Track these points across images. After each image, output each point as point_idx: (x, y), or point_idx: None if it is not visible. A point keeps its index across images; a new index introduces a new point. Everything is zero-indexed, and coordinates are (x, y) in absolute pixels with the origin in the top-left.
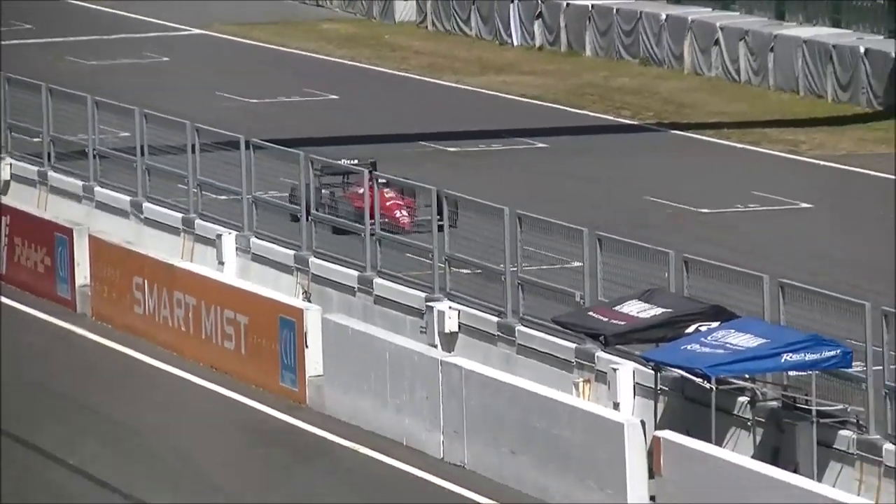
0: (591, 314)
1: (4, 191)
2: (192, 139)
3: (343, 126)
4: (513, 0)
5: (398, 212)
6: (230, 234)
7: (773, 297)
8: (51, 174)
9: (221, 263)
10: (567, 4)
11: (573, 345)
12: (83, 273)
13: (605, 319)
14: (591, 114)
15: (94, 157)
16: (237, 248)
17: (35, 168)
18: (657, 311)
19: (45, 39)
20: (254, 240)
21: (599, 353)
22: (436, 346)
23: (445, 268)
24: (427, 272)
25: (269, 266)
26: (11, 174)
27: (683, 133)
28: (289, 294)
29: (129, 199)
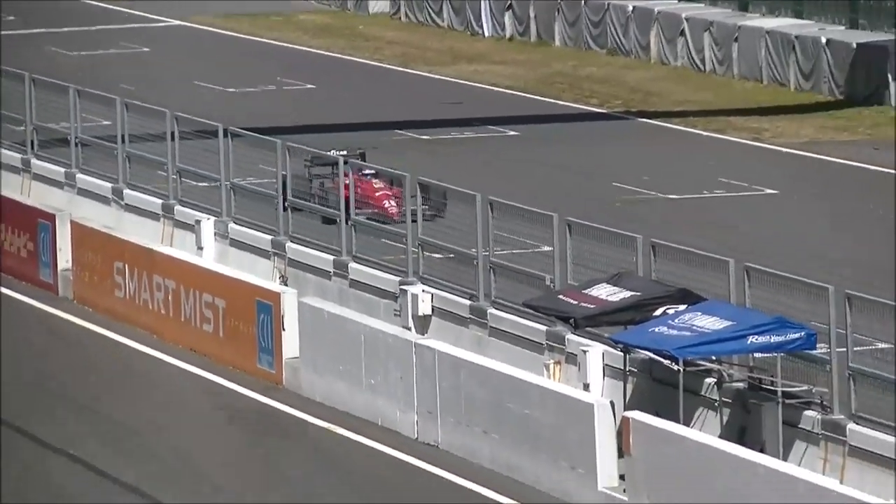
0: (562, 297)
1: None
2: (172, 127)
3: (319, 115)
4: None
5: (387, 202)
6: (209, 220)
7: (739, 281)
8: (34, 161)
9: (200, 248)
10: None
11: (544, 327)
12: (65, 258)
13: (575, 303)
14: (561, 102)
15: (77, 145)
16: (216, 234)
17: (19, 156)
18: (626, 295)
19: (28, 31)
20: (232, 225)
21: (569, 336)
22: (410, 329)
23: (419, 252)
24: (401, 257)
25: (247, 251)
26: None
27: (650, 121)
28: (266, 278)
29: (111, 186)
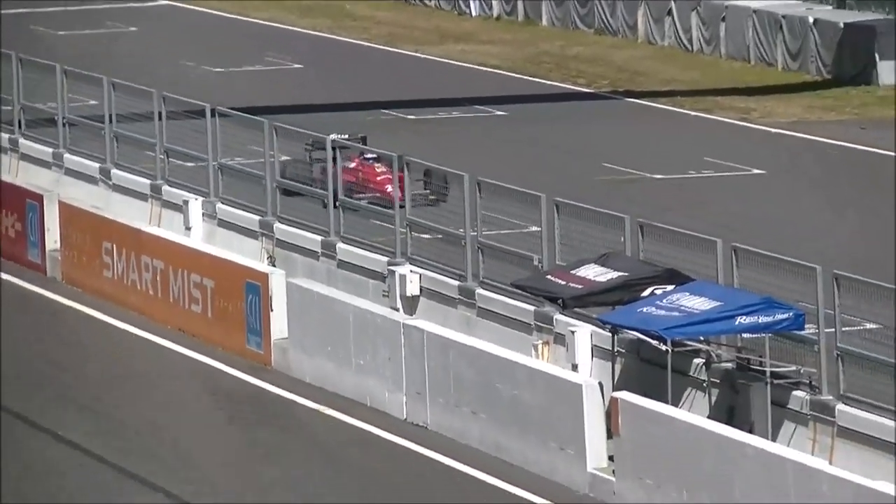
0: (550, 278)
1: None
2: (159, 107)
3: (306, 95)
4: None
5: (389, 186)
6: (197, 200)
7: (727, 261)
8: (21, 141)
9: (188, 228)
10: None
11: (532, 308)
12: (53, 238)
13: (563, 283)
14: (548, 82)
15: (64, 125)
16: (203, 214)
17: (6, 136)
18: (614, 275)
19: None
20: (220, 205)
21: (558, 316)
22: (398, 310)
23: (407, 233)
24: (389, 237)
25: (235, 231)
26: None
27: (638, 101)
28: (254, 259)
29: (98, 166)
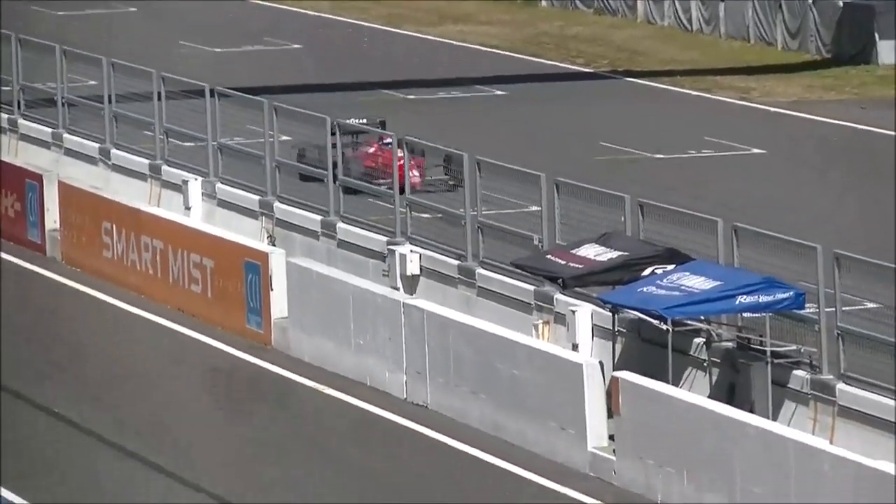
0: (550, 257)
1: None
2: (159, 87)
3: (306, 75)
4: None
5: (409, 171)
6: (196, 180)
7: (728, 241)
8: (21, 122)
9: (188, 208)
10: None
11: (532, 287)
12: (53, 218)
13: (563, 262)
14: (548, 62)
15: (63, 105)
16: (203, 194)
17: (5, 116)
18: (614, 255)
19: None
20: (219, 185)
21: (558, 296)
22: (398, 289)
23: (407, 212)
24: (389, 216)
25: (235, 211)
26: None
27: (637, 81)
28: (254, 238)
29: (98, 146)
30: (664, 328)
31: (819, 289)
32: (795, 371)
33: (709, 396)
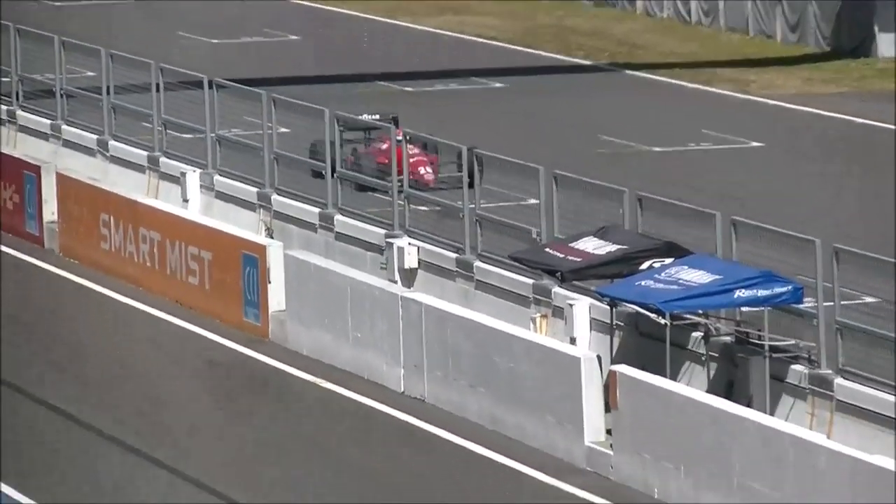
0: (548, 250)
1: None
2: (157, 79)
3: (304, 66)
4: None
5: (422, 168)
6: (194, 172)
7: (726, 234)
8: (19, 113)
9: (186, 200)
10: None
11: (530, 281)
12: (50, 210)
13: (562, 256)
14: (547, 54)
15: (62, 97)
16: (201, 186)
17: (3, 107)
18: (612, 248)
19: None
20: (217, 177)
21: (556, 289)
22: (396, 282)
23: (405, 205)
24: (387, 209)
25: (233, 203)
26: None
27: (637, 73)
28: (251, 230)
29: (96, 138)
30: (662, 322)
31: (818, 283)
32: (793, 366)
33: (707, 391)
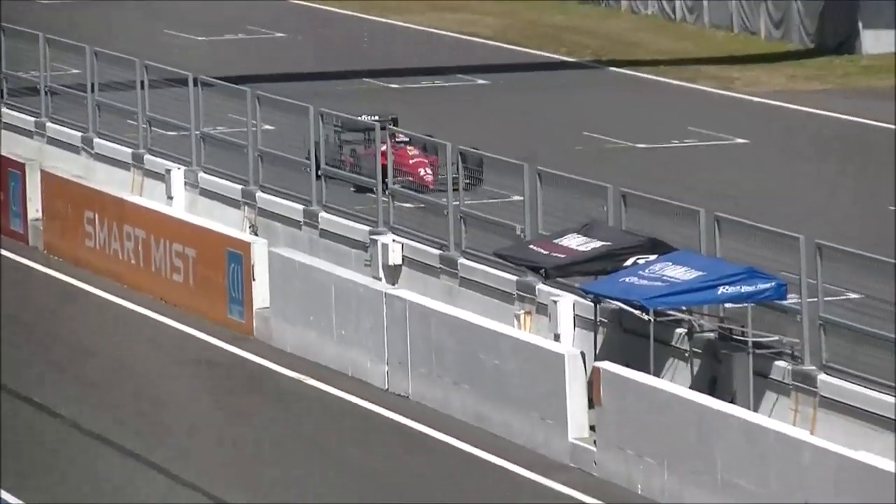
0: (532, 247)
1: None
2: (142, 76)
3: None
4: None
5: (422, 170)
6: (179, 169)
7: (710, 231)
8: (3, 111)
9: (170, 198)
10: None
11: (514, 277)
12: (35, 207)
13: (546, 252)
14: (532, 51)
15: (46, 94)
16: (186, 183)
17: None
18: (596, 245)
19: None
20: (202, 175)
21: (540, 286)
22: (380, 279)
23: (389, 202)
24: (371, 206)
25: (217, 200)
26: None
27: (621, 70)
28: (236, 228)
29: (81, 135)
30: (646, 318)
31: (801, 279)
32: (777, 362)
33: (690, 387)
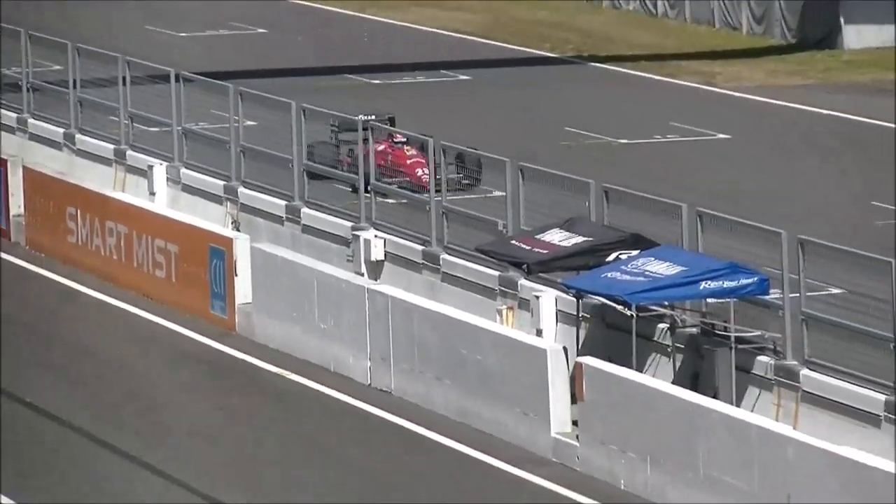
0: (514, 243)
1: None
2: (124, 72)
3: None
4: None
5: (419, 170)
6: (161, 165)
7: (692, 226)
8: None
9: (153, 193)
10: None
11: (496, 273)
12: (17, 203)
13: (528, 248)
14: (513, 46)
15: (28, 90)
16: (168, 179)
17: None
18: (578, 240)
19: None
20: (184, 170)
21: (522, 281)
22: (362, 275)
23: (371, 197)
24: (353, 202)
25: (199, 196)
26: None
27: (602, 66)
28: (218, 223)
29: (63, 131)
30: (628, 314)
31: (783, 274)
32: (759, 357)
33: (673, 382)
